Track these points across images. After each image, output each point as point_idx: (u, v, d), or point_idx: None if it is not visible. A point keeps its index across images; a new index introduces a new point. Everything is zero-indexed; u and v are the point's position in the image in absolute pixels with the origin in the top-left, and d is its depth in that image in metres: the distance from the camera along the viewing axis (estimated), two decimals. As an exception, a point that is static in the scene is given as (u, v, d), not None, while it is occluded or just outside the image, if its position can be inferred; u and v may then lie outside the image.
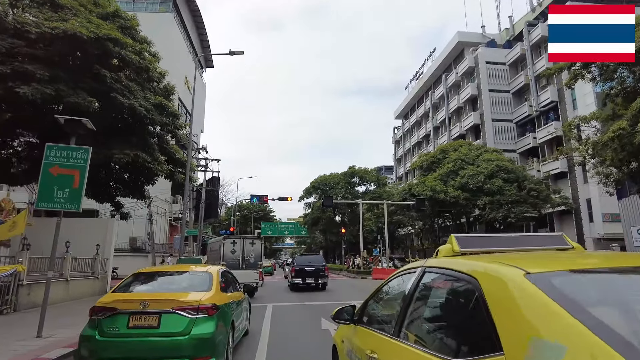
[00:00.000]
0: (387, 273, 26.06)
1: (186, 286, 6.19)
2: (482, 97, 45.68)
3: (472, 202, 31.08)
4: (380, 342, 2.71)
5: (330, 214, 42.25)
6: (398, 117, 73.76)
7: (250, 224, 61.46)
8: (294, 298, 15.86)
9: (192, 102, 18.90)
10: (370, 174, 41.99)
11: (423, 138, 61.62)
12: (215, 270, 6.66)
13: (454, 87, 52.38)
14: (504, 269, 1.82)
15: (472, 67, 47.59)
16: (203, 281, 6.17)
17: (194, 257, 12.72)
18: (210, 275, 6.34)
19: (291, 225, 59.61)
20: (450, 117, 52.24)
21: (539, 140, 40.00)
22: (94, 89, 12.17)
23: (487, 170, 30.54)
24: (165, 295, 5.61)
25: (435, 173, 33.69)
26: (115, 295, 5.69)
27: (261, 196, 30.58)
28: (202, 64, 43.21)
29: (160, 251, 27.46)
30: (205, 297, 5.55)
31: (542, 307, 1.50)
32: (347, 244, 50.03)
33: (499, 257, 2.19)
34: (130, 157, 12.76)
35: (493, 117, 44.94)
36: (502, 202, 29.28)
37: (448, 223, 44.83)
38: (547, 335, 1.40)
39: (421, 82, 60.97)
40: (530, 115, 42.16)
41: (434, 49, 56.90)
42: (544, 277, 1.65)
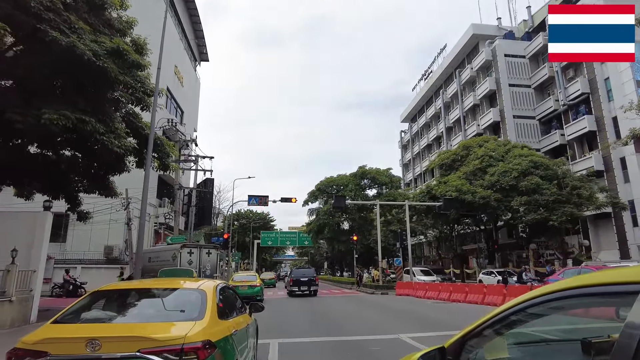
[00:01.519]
0: (414, 288, 21.84)
1: (166, 312, 4.20)
2: (501, 92, 41.94)
3: (504, 203, 27.01)
4: None
5: (338, 219, 37.99)
6: (405, 120, 70.13)
7: (249, 233, 57.15)
8: (309, 329, 11.16)
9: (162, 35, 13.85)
10: (383, 174, 37.85)
11: (434, 140, 57.78)
12: (211, 287, 4.53)
13: (467, 84, 48.74)
14: None
15: (489, 60, 43.99)
16: (192, 304, 4.16)
17: (184, 269, 9.24)
18: (203, 295, 4.28)
19: (293, 234, 55.44)
20: (465, 115, 48.47)
21: (568, 136, 36.15)
22: (11, 16, 8.25)
23: (520, 167, 26.55)
24: (130, 328, 3.68)
25: (459, 172, 29.66)
26: (50, 329, 3.69)
27: (260, 197, 26.47)
28: (196, 56, 39.57)
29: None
30: (194, 331, 3.56)
31: None
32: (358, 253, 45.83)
33: None
34: (72, 121, 8.80)
35: (514, 114, 41.15)
36: (541, 202, 25.20)
37: (467, 230, 40.72)
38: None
39: (431, 81, 57.38)
40: (556, 111, 38.37)
41: (444, 45, 53.62)
42: None
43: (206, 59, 41.18)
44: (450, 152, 33.90)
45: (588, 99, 34.81)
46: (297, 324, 12.16)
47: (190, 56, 37.06)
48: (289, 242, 55.94)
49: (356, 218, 37.28)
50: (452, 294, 18.47)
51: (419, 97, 62.06)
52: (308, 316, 14.32)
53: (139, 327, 3.70)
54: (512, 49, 43.05)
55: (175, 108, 32.29)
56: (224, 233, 27.91)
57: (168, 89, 30.43)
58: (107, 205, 22.09)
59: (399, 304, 18.08)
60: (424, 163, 60.50)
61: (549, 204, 25.04)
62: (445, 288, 19.06)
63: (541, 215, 25.09)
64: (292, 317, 14.17)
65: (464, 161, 30.96)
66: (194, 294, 4.34)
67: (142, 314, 4.25)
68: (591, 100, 34.46)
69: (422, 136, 62.32)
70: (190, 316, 3.90)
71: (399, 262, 27.05)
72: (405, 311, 15.22)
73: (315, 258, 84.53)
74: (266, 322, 10.67)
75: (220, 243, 28.57)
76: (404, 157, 68.82)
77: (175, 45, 31.95)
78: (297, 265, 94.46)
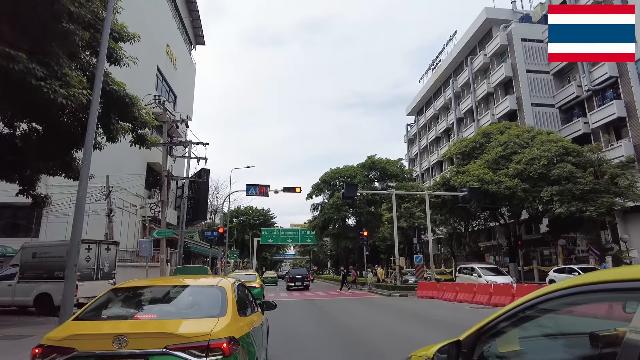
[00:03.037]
0: (440, 289, 19.03)
1: (188, 309, 4.11)
2: (518, 79, 39.23)
3: (532, 194, 24.29)
4: None
5: (345, 213, 35.16)
6: (410, 114, 67.44)
7: (249, 230, 54.38)
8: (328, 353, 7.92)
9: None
10: (394, 165, 35.01)
11: (442, 133, 55.06)
12: (229, 284, 4.41)
13: (480, 72, 46.02)
14: None
15: (504, 45, 41.26)
16: (213, 301, 4.06)
17: (198, 266, 8.99)
18: (223, 292, 4.17)
19: (295, 232, 52.59)
20: (477, 105, 45.72)
21: (593, 124, 33.40)
22: None
23: (550, 153, 23.79)
24: (155, 325, 3.61)
25: (480, 160, 26.91)
26: (74, 326, 3.61)
27: (260, 187, 23.54)
28: (191, 39, 36.80)
29: (127, 259, 20.58)
30: (218, 327, 3.49)
31: None
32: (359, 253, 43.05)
33: None
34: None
35: (532, 102, 38.42)
36: (575, 192, 22.45)
37: (482, 226, 37.98)
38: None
39: (439, 71, 54.64)
40: (579, 97, 35.66)
41: (454, 31, 50.79)
42: None
43: (202, 42, 38.37)
44: (468, 140, 31.13)
45: (616, 83, 32.09)
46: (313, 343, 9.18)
47: (184, 38, 34.34)
48: (291, 240, 53.14)
49: (364, 213, 34.48)
50: (493, 296, 15.71)
51: (426, 89, 59.33)
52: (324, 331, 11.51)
53: (165, 324, 3.59)
54: (529, 32, 40.32)
55: (168, 92, 29.54)
56: (220, 227, 25.16)
57: (159, 69, 27.72)
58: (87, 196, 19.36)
59: (434, 310, 15.12)
60: (432, 157, 57.84)
61: (584, 194, 22.32)
62: (483, 289, 16.24)
63: (575, 206, 22.34)
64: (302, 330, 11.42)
65: (485, 149, 28.21)
66: (214, 291, 4.26)
67: (164, 310, 4.14)
68: (620, 84, 31.72)
69: (429, 129, 59.61)
70: (212, 312, 3.81)
71: (420, 259, 24.28)
72: (448, 321, 12.25)
73: (319, 257, 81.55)
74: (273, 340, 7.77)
75: (214, 238, 25.89)
76: (410, 151, 66.09)
77: (167, 21, 29.23)
78: (298, 264, 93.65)
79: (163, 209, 18.76)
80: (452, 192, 23.61)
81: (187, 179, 23.51)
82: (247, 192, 23.18)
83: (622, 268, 1.65)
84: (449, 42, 52.32)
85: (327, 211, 33.58)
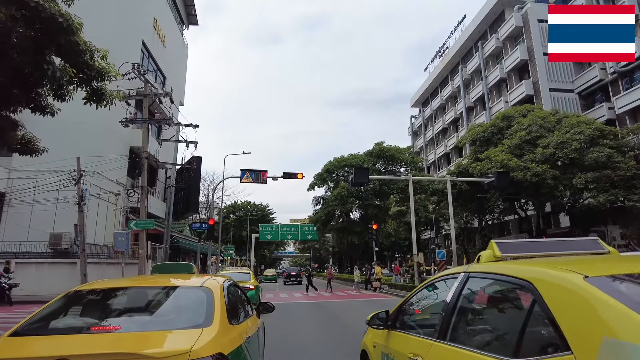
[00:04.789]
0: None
1: (164, 318, 3.24)
2: (535, 63, 36.53)
3: (563, 181, 21.64)
4: (424, 345, 2.75)
5: (350, 205, 32.37)
6: (415, 105, 64.66)
7: (246, 226, 51.59)
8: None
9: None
10: (403, 153, 32.27)
11: (450, 124, 52.34)
12: (218, 286, 3.60)
13: (491, 57, 43.32)
14: (562, 274, 1.91)
15: (519, 27, 38.54)
16: (196, 306, 3.25)
17: (182, 263, 7.85)
18: (209, 294, 3.33)
19: (295, 227, 49.84)
20: (489, 92, 43.02)
21: (619, 109, 30.85)
22: None
23: (582, 136, 21.10)
24: (116, 341, 2.80)
25: (501, 146, 24.24)
26: (6, 345, 2.77)
27: (257, 172, 20.53)
28: (183, 18, 33.98)
29: (103, 255, 17.88)
30: (202, 342, 2.68)
31: (610, 308, 1.57)
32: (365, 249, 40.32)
33: (549, 262, 2.27)
34: None
35: (551, 87, 35.75)
36: (615, 178, 19.81)
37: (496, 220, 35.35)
38: (621, 335, 1.47)
39: (447, 58, 51.87)
40: (602, 81, 33.06)
41: (463, 16, 48.01)
42: (604, 281, 1.76)
43: (195, 22, 35.53)
44: (486, 124, 28.45)
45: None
46: None
47: (175, 15, 31.52)
48: (290, 237, 50.46)
49: (371, 206, 31.73)
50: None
51: (432, 78, 56.57)
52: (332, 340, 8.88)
53: (128, 339, 2.78)
54: (546, 13, 37.40)
55: (155, 71, 26.74)
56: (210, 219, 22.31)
57: (144, 43, 24.97)
58: (53, 180, 16.70)
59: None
60: (439, 149, 55.13)
61: (626, 181, 19.67)
62: None
63: (615, 195, 19.69)
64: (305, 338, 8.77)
65: (505, 134, 25.53)
66: (198, 294, 3.42)
67: (133, 320, 3.28)
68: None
69: (436, 120, 56.86)
70: (195, 322, 2.98)
71: (442, 255, 21.63)
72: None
73: (320, 253, 78.59)
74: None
75: (203, 231, 23.13)
76: (414, 144, 63.32)
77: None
78: (298, 262, 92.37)
79: (142, 196, 16.03)
80: (477, 179, 20.93)
81: (174, 164, 20.86)
82: (242, 178, 20.35)
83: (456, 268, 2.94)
84: (457, 28, 49.54)
85: (331, 203, 30.77)
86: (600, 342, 1.51)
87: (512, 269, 2.26)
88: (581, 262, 2.35)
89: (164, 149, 26.65)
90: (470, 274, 2.68)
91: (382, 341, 3.54)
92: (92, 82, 8.41)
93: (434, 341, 2.63)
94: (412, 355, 2.83)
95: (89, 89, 8.53)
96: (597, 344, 1.52)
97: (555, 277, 1.93)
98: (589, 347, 1.55)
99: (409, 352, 2.88)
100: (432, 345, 2.63)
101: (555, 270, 2.00)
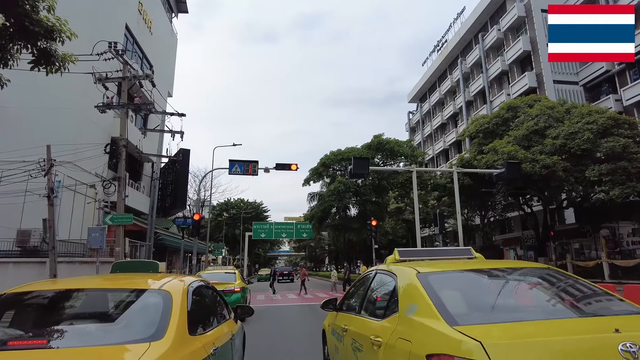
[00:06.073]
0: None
1: (105, 329, 2.77)
2: (539, 54, 35.28)
3: (574, 174, 20.34)
4: (349, 319, 4.22)
5: (348, 201, 30.89)
6: (412, 101, 63.37)
7: (239, 224, 49.99)
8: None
9: None
10: (404, 146, 30.83)
11: (449, 119, 51.10)
12: (179, 288, 3.09)
13: (492, 49, 42.05)
14: (407, 270, 3.40)
15: (521, 17, 37.32)
16: (148, 314, 2.76)
17: (146, 261, 5.41)
18: (167, 299, 2.82)
19: (289, 225, 48.26)
20: (490, 85, 41.75)
21: (627, 101, 29.63)
22: None
23: (595, 126, 19.80)
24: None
25: (507, 137, 22.92)
26: None
27: (247, 163, 18.96)
28: (172, 5, 32.36)
29: (78, 253, 16.35)
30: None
31: (416, 289, 3.01)
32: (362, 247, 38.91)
33: (410, 264, 3.75)
34: None
35: (555, 79, 34.53)
36: (632, 170, 18.57)
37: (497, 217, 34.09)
38: (413, 301, 2.96)
39: (446, 52, 50.57)
40: (608, 72, 31.78)
41: (463, 7, 46.76)
42: (424, 274, 3.18)
43: (184, 10, 33.85)
44: (490, 115, 27.12)
45: (655, 53, 28.26)
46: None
47: (163, 1, 29.88)
48: (285, 235, 48.81)
49: (369, 202, 30.28)
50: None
51: (430, 72, 55.27)
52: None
53: (52, 358, 2.32)
54: (550, 3, 36.28)
55: (141, 58, 25.09)
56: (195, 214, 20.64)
57: (128, 27, 23.36)
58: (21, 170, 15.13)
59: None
60: (437, 145, 53.91)
61: (645, 173, 18.41)
62: None
63: (632, 188, 18.41)
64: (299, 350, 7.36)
65: (511, 125, 24.21)
66: (153, 298, 2.88)
67: (65, 332, 2.65)
68: (659, 54, 27.91)
69: (434, 115, 55.60)
70: (142, 334, 2.46)
71: None
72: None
73: (315, 252, 76.97)
74: None
75: (187, 227, 21.56)
76: (412, 140, 61.99)
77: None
78: (293, 261, 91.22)
79: (120, 188, 14.49)
80: (486, 170, 19.55)
81: (159, 156, 19.30)
82: (231, 170, 18.76)
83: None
84: (456, 20, 48.23)
85: (327, 199, 29.28)
86: (407, 305, 3.00)
87: (393, 267, 3.80)
88: (426, 264, 3.82)
89: (150, 140, 25.08)
90: (378, 270, 4.20)
91: (332, 320, 4.91)
92: (39, 41, 6.90)
93: (353, 315, 4.16)
94: (344, 326, 4.17)
95: (35, 51, 7.03)
96: (407, 306, 3.00)
97: (403, 271, 3.45)
98: (404, 309, 3.02)
99: (342, 325, 4.21)
100: (352, 318, 4.14)
101: (406, 267, 3.52)
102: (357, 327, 3.78)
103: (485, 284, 3.36)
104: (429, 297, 2.77)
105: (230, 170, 19.01)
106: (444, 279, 3.20)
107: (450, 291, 3.01)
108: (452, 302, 2.76)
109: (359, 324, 3.79)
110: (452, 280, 3.28)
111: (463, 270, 3.55)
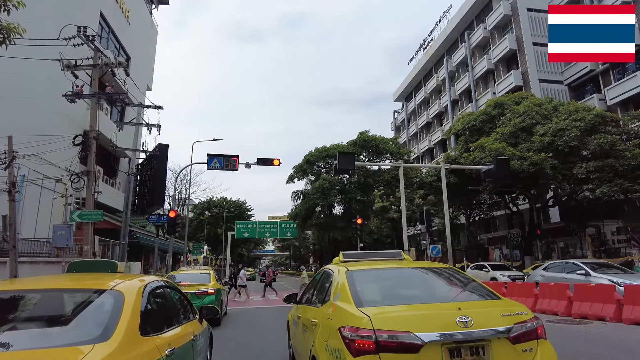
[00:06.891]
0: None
1: (52, 331, 2.64)
2: (524, 53, 35.29)
3: (562, 171, 20.10)
4: (303, 309, 5.02)
5: (333, 199, 30.23)
6: (398, 100, 63.18)
7: (222, 224, 48.90)
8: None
9: None
10: (389, 143, 30.32)
11: (434, 118, 50.98)
12: (134, 288, 3.02)
13: (478, 47, 41.98)
14: (341, 268, 4.26)
15: (507, 16, 37.29)
16: (97, 315, 2.67)
17: (104, 260, 5.32)
18: (118, 299, 2.73)
19: (273, 225, 47.29)
20: (475, 84, 41.64)
21: (610, 100, 29.69)
22: None
23: (583, 123, 19.58)
24: None
25: (494, 134, 22.59)
26: None
27: (227, 157, 17.91)
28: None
29: (43, 252, 15.29)
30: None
31: (343, 282, 3.89)
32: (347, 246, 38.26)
33: (348, 264, 4.65)
34: None
35: (540, 78, 34.53)
36: (619, 168, 18.36)
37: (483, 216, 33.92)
38: (339, 291, 3.88)
39: (431, 50, 50.41)
40: (593, 71, 31.86)
41: (449, 6, 46.37)
42: (350, 272, 4.09)
43: (165, 1, 32.81)
44: (476, 113, 26.81)
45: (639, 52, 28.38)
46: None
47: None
48: (269, 234, 47.81)
49: (354, 200, 29.67)
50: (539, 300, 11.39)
51: (416, 71, 55.08)
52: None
53: None
54: (536, 2, 36.31)
55: (117, 49, 23.94)
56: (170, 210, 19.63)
57: (103, 15, 22.22)
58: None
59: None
60: (422, 144, 53.76)
61: (630, 171, 18.21)
62: (554, 293, 11.56)
63: (620, 186, 18.19)
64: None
65: (498, 122, 23.90)
66: (105, 299, 2.79)
67: (9, 335, 2.51)
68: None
69: (419, 114, 55.44)
70: (88, 335, 2.38)
71: (437, 250, 19.65)
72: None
73: (300, 252, 76.19)
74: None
75: (161, 225, 20.59)
76: (398, 137, 61.79)
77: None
78: (277, 261, 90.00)
79: (89, 182, 13.52)
80: (475, 166, 19.10)
81: (134, 150, 18.32)
82: (209, 165, 17.81)
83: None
84: (442, 19, 48.07)
85: (312, 197, 28.54)
86: (336, 294, 3.84)
87: (333, 266, 4.71)
88: (359, 264, 4.68)
89: (128, 135, 23.97)
90: (325, 269, 5.04)
91: (294, 312, 5.84)
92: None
93: (306, 306, 5.01)
94: (299, 315, 5.14)
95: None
96: (335, 295, 3.86)
97: (339, 269, 4.25)
98: (333, 297, 3.84)
99: (298, 314, 5.22)
100: (305, 308, 4.97)
101: (341, 266, 4.39)
102: (306, 314, 4.62)
103: (393, 278, 4.38)
104: (349, 288, 3.74)
105: (209, 165, 18.14)
106: (364, 275, 4.20)
107: (366, 284, 3.97)
108: (364, 291, 3.73)
109: (307, 312, 4.64)
110: (370, 276, 4.29)
111: (383, 268, 4.59)
